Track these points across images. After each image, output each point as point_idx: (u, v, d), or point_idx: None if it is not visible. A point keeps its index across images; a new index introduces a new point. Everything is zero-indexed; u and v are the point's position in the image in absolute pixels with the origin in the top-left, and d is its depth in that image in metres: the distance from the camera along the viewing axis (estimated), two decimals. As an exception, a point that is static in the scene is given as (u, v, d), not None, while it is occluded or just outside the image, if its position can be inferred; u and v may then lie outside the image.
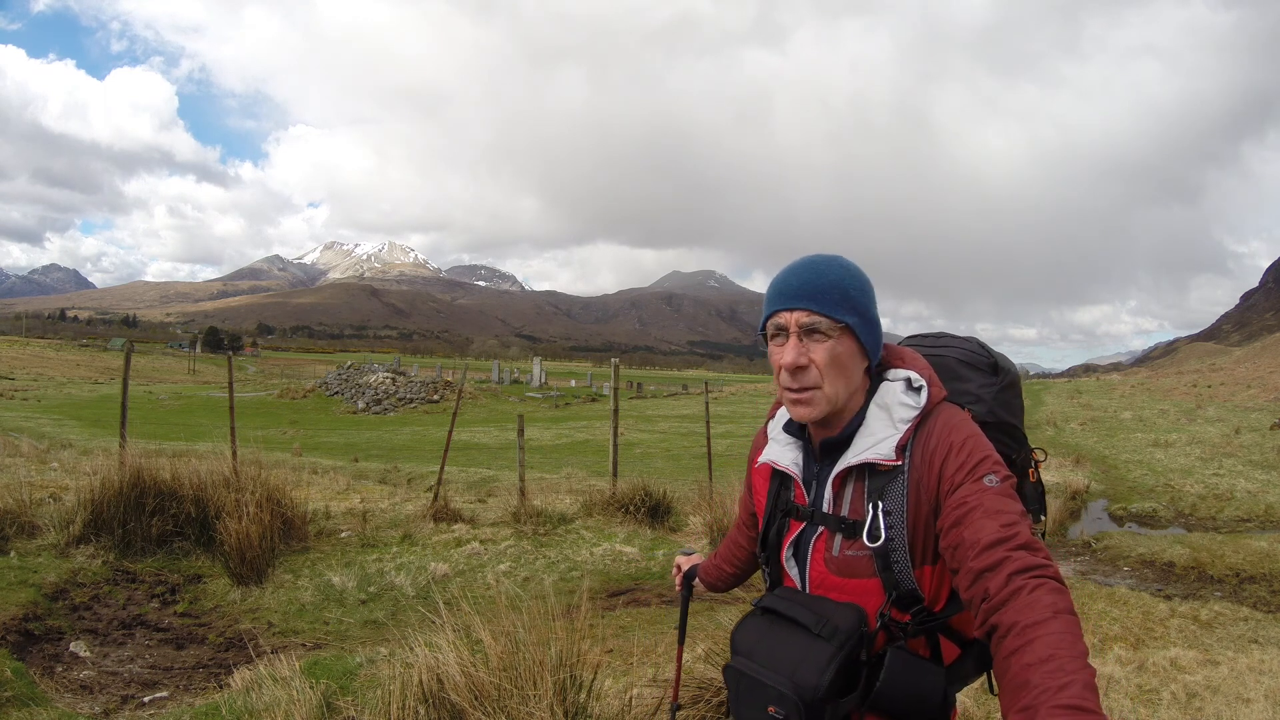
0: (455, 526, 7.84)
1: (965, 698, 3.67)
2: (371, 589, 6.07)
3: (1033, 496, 1.50)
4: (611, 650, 4.16)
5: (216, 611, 5.51)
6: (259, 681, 3.35)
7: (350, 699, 3.40)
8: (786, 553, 1.42)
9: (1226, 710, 3.72)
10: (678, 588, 1.91)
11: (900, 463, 1.29)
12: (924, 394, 1.33)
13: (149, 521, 6.13)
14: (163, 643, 4.91)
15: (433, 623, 3.00)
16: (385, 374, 36.86)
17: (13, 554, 5.65)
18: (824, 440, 1.37)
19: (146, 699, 4.08)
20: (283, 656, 3.68)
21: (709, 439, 10.52)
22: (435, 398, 33.91)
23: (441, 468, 9.12)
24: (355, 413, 31.55)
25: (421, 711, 2.77)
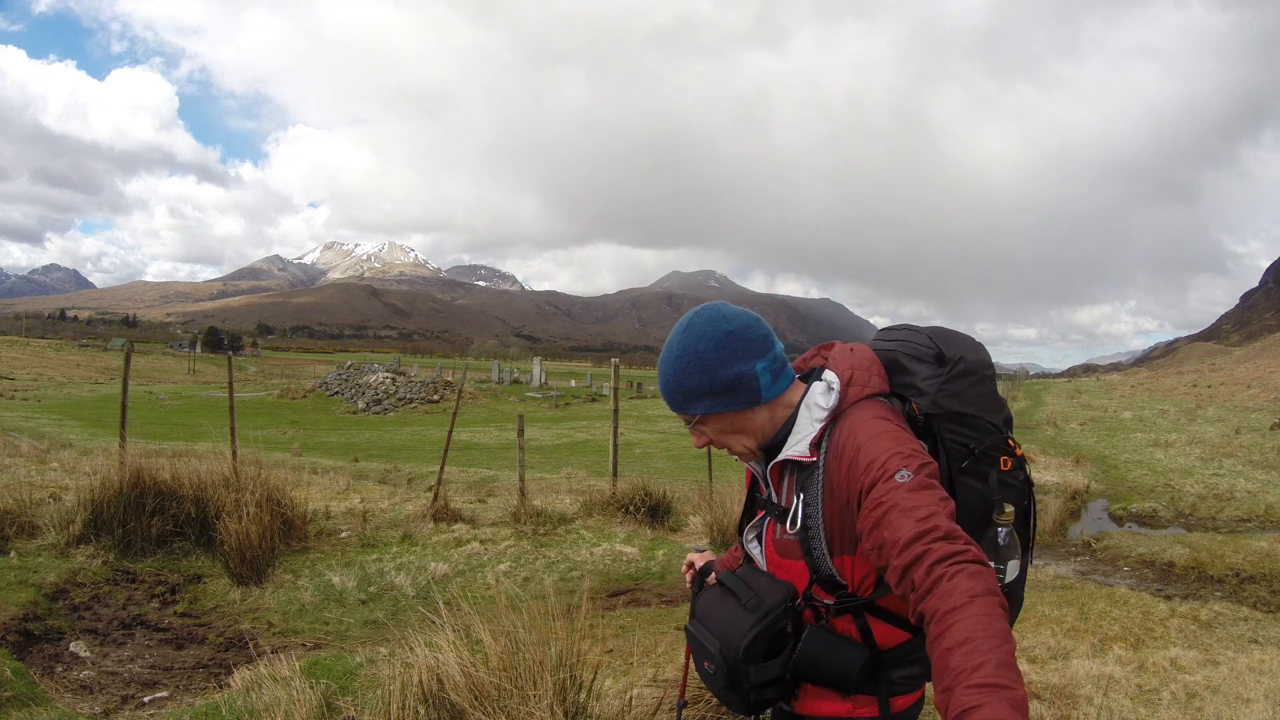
0: (455, 526, 7.84)
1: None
2: (371, 589, 6.06)
3: (998, 486, 1.45)
4: (611, 650, 4.16)
5: (216, 611, 5.51)
6: (259, 681, 3.35)
7: (350, 699, 3.40)
8: (748, 536, 1.62)
9: (1226, 710, 3.72)
10: (689, 584, 1.92)
11: (815, 459, 1.42)
12: (834, 395, 1.45)
13: (149, 521, 6.13)
14: (163, 643, 4.91)
15: (433, 623, 3.00)
16: (385, 374, 36.85)
17: (13, 554, 5.66)
18: (763, 445, 1.54)
19: (146, 699, 4.08)
20: (283, 656, 3.68)
21: (709, 439, 10.48)
22: (435, 398, 33.91)
23: (441, 468, 9.12)
24: (355, 413, 31.54)
25: (421, 711, 2.77)
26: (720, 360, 1.45)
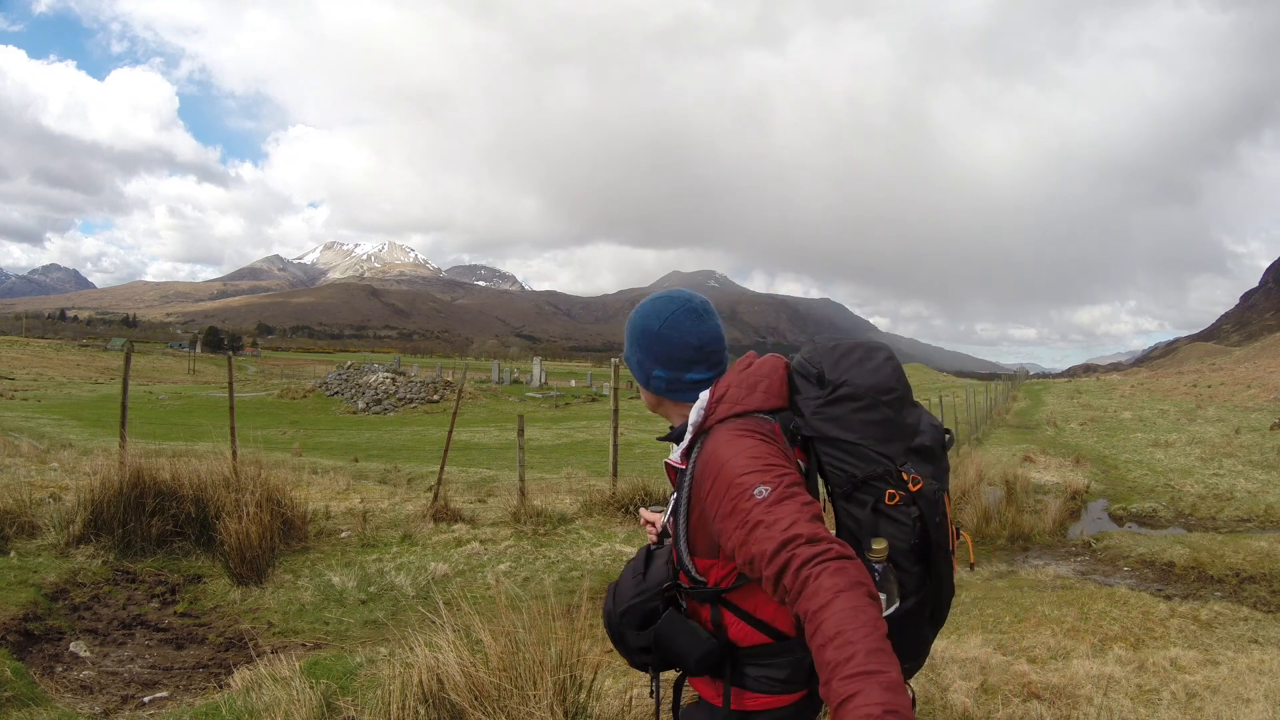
0: (455, 526, 7.84)
1: (966, 698, 3.67)
2: (371, 589, 6.06)
3: (873, 519, 1.43)
4: (611, 650, 4.16)
5: (216, 611, 5.51)
6: (259, 681, 3.35)
7: (350, 699, 3.40)
8: (665, 517, 1.73)
9: (1226, 710, 3.72)
10: (651, 539, 1.92)
11: (685, 467, 1.52)
12: (700, 412, 1.53)
13: (149, 521, 6.13)
14: (163, 643, 4.91)
15: (433, 623, 3.00)
16: (385, 374, 36.85)
17: (13, 554, 5.66)
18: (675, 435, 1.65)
19: (146, 699, 4.07)
20: (283, 656, 3.68)
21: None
22: (435, 398, 33.91)
23: (441, 468, 9.12)
24: (355, 413, 31.54)
25: (421, 711, 2.77)
26: (633, 340, 1.67)
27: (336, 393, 35.66)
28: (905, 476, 1.44)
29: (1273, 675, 4.26)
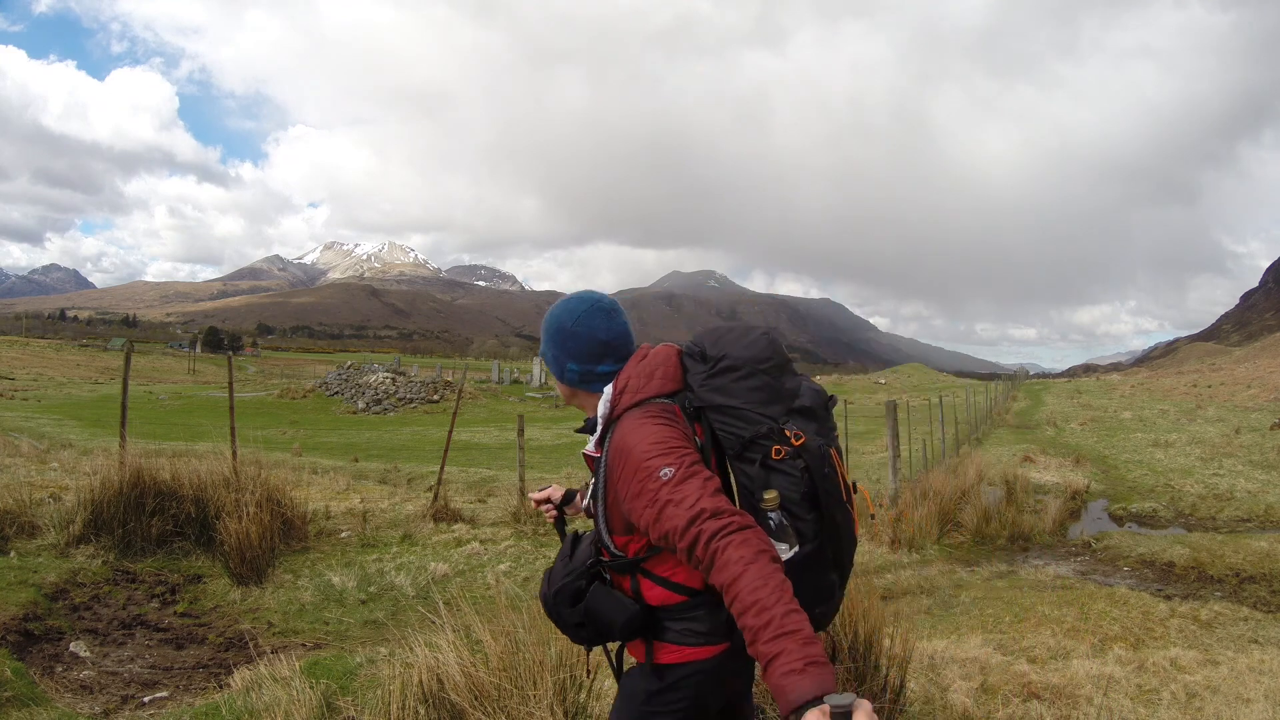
0: (455, 526, 7.84)
1: (966, 698, 3.67)
2: (371, 589, 6.06)
3: (765, 473, 1.59)
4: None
5: (216, 611, 5.51)
6: (259, 681, 3.35)
7: (350, 699, 3.40)
8: (586, 501, 1.92)
9: (1226, 710, 3.72)
10: (549, 518, 2.10)
11: (600, 455, 1.68)
12: (606, 405, 1.69)
13: (149, 521, 6.12)
14: (163, 643, 4.91)
15: (433, 623, 3.00)
16: (385, 374, 36.83)
17: (13, 554, 5.66)
18: (590, 426, 1.78)
19: (146, 699, 4.07)
20: (283, 656, 3.68)
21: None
22: (435, 398, 33.90)
23: (441, 468, 9.12)
24: (355, 413, 31.54)
25: (421, 711, 2.77)
26: (549, 338, 1.83)
27: (336, 393, 35.65)
28: (788, 433, 1.60)
29: (1273, 675, 4.26)
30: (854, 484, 1.70)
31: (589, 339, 1.78)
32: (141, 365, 66.40)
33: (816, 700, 1.17)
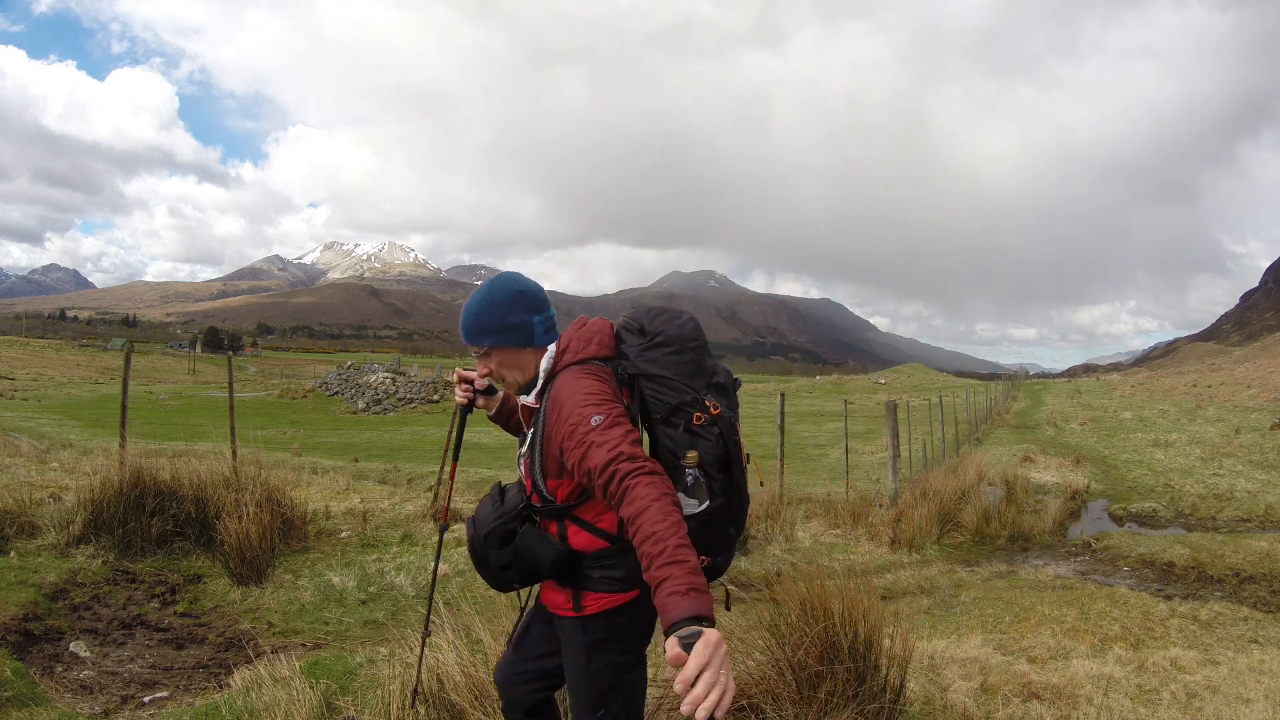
0: (456, 526, 7.83)
1: (966, 698, 3.67)
2: (371, 589, 6.06)
3: (682, 440, 1.80)
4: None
5: (216, 611, 5.51)
6: (259, 681, 3.35)
7: (350, 699, 3.40)
8: (519, 453, 2.07)
9: (1226, 710, 3.72)
10: (460, 399, 2.22)
11: (539, 406, 1.90)
12: (549, 360, 1.91)
13: (149, 521, 6.12)
14: (163, 643, 4.91)
15: (433, 622, 3.00)
16: (385, 374, 36.83)
17: (13, 554, 5.65)
18: (527, 386, 2.00)
19: (146, 699, 4.07)
20: (283, 656, 3.68)
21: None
22: (435, 398, 33.89)
23: (441, 468, 9.11)
24: (355, 413, 31.54)
25: (422, 711, 2.77)
26: (509, 308, 1.95)
27: (336, 393, 35.65)
28: (708, 403, 1.84)
29: (1273, 675, 4.26)
30: (749, 455, 1.93)
31: (535, 291, 2.00)
32: (141, 365, 66.38)
33: (694, 619, 1.32)
